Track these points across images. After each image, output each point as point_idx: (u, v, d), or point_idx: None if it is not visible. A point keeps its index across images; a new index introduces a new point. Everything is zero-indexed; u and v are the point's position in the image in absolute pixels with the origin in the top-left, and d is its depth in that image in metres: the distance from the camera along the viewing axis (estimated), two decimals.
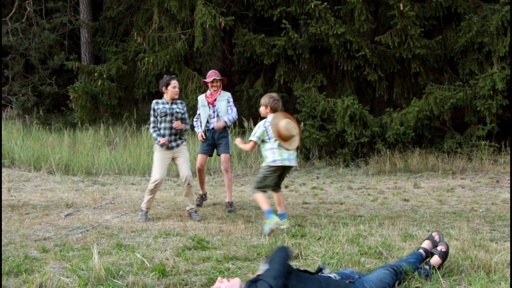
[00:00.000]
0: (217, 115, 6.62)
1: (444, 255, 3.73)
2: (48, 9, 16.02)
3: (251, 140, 5.33)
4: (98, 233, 5.08)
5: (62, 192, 7.79)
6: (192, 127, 8.64)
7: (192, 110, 11.42)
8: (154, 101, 5.88)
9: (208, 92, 6.71)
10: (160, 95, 6.21)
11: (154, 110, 5.83)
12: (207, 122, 6.63)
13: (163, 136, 5.79)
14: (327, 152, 11.14)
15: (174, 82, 5.85)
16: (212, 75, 6.65)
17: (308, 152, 11.10)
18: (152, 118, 5.88)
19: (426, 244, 3.88)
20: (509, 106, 10.51)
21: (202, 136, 6.62)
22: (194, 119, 6.85)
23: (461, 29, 10.64)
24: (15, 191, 7.83)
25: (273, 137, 5.22)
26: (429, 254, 3.77)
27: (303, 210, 6.52)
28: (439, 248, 3.77)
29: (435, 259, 3.72)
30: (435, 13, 10.95)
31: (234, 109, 6.70)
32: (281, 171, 5.38)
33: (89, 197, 7.26)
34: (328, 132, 10.89)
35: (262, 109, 5.37)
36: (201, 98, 6.75)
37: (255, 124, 11.51)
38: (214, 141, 6.65)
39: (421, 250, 3.79)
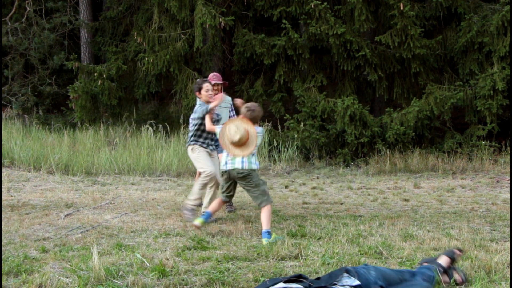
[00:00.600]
0: (217, 120, 6.60)
1: (455, 283, 3.51)
2: (48, 9, 16.01)
3: None
4: (98, 233, 5.08)
5: (62, 192, 7.78)
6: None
7: (192, 110, 11.39)
8: (205, 106, 5.71)
9: None
10: (160, 95, 6.22)
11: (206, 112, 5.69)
12: None
13: (206, 138, 5.89)
14: (327, 152, 11.14)
15: (206, 85, 5.83)
16: (213, 78, 6.47)
17: (308, 152, 11.09)
18: (199, 121, 5.80)
19: (444, 261, 3.61)
20: (509, 106, 10.50)
21: None
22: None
23: (461, 29, 10.63)
24: (15, 191, 7.83)
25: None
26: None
27: (303, 210, 6.52)
28: (456, 276, 3.51)
29: (444, 278, 3.52)
30: (435, 13, 10.94)
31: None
32: (227, 176, 5.14)
33: (89, 197, 7.25)
34: (328, 132, 10.88)
35: None
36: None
37: None
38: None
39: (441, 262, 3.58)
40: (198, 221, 5.05)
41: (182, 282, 3.53)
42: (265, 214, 4.91)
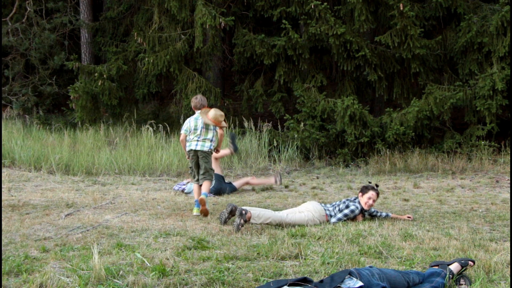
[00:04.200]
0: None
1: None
2: (48, 9, 16.01)
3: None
4: (98, 233, 5.09)
5: (63, 192, 7.79)
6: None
7: (191, 111, 11.38)
8: None
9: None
10: (161, 95, 6.28)
11: None
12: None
13: None
14: (327, 152, 11.15)
15: None
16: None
17: (308, 152, 11.10)
18: None
19: (455, 268, 3.60)
20: (508, 106, 10.51)
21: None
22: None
23: (461, 29, 10.64)
24: (15, 191, 7.84)
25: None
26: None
27: None
28: (461, 281, 3.51)
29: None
30: (435, 13, 10.95)
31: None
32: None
33: (89, 197, 7.26)
34: (328, 132, 10.89)
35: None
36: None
37: (255, 124, 11.53)
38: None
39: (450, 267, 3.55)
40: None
41: (182, 281, 3.55)
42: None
